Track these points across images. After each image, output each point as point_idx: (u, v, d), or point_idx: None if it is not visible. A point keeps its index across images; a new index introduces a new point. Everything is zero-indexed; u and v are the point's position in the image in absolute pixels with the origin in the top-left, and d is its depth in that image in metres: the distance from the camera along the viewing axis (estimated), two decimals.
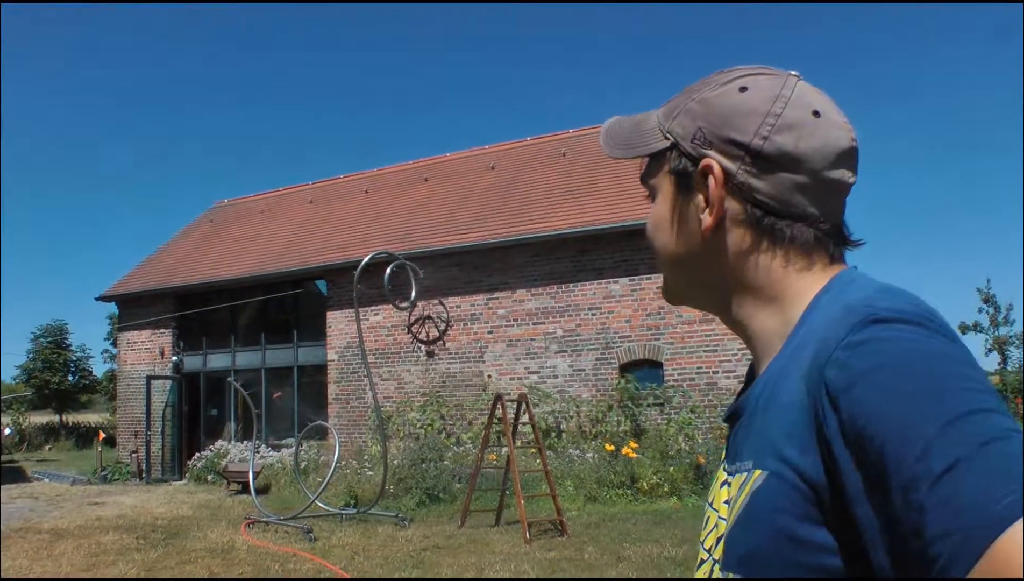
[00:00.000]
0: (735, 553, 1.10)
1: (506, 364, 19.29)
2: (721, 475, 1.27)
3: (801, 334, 1.12)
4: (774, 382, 1.12)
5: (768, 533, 1.04)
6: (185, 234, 29.78)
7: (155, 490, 20.90)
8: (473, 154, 25.76)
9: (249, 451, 18.89)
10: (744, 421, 1.19)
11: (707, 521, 1.29)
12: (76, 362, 51.09)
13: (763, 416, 1.11)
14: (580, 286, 18.67)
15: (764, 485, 1.05)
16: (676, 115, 1.25)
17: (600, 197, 19.58)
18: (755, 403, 1.16)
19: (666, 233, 1.28)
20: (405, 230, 21.99)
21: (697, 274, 1.26)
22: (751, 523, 1.07)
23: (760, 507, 1.05)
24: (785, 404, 1.06)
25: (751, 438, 1.14)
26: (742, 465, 1.14)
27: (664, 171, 1.27)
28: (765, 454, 1.07)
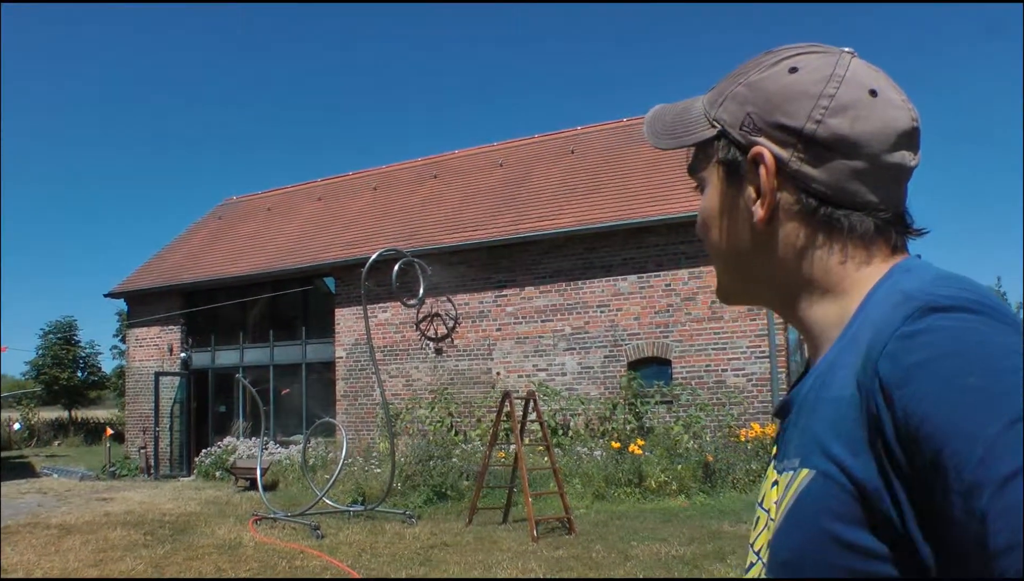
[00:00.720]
0: (778, 557, 1.05)
1: (514, 361, 19.28)
2: (772, 474, 1.22)
3: (855, 326, 1.07)
4: (824, 376, 1.07)
5: (814, 537, 0.98)
6: (194, 231, 29.82)
7: (163, 486, 20.93)
8: (481, 151, 25.73)
9: (257, 448, 18.90)
10: (792, 417, 1.14)
11: (756, 522, 1.25)
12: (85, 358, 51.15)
13: (811, 412, 1.07)
14: (588, 283, 18.64)
15: (810, 485, 1.00)
16: (722, 101, 1.18)
17: (608, 194, 19.55)
18: (804, 398, 1.11)
19: (716, 228, 1.21)
20: (413, 227, 21.99)
21: (751, 270, 1.20)
22: (796, 526, 1.02)
23: (806, 509, 1.00)
24: (834, 399, 1.01)
25: (798, 435, 1.09)
26: (789, 463, 1.09)
27: (712, 161, 1.20)
28: (812, 452, 1.02)
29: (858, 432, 0.95)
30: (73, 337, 50.32)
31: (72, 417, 48.38)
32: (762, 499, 1.24)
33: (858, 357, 0.99)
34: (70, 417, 48.26)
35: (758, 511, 1.24)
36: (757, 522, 1.24)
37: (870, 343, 0.97)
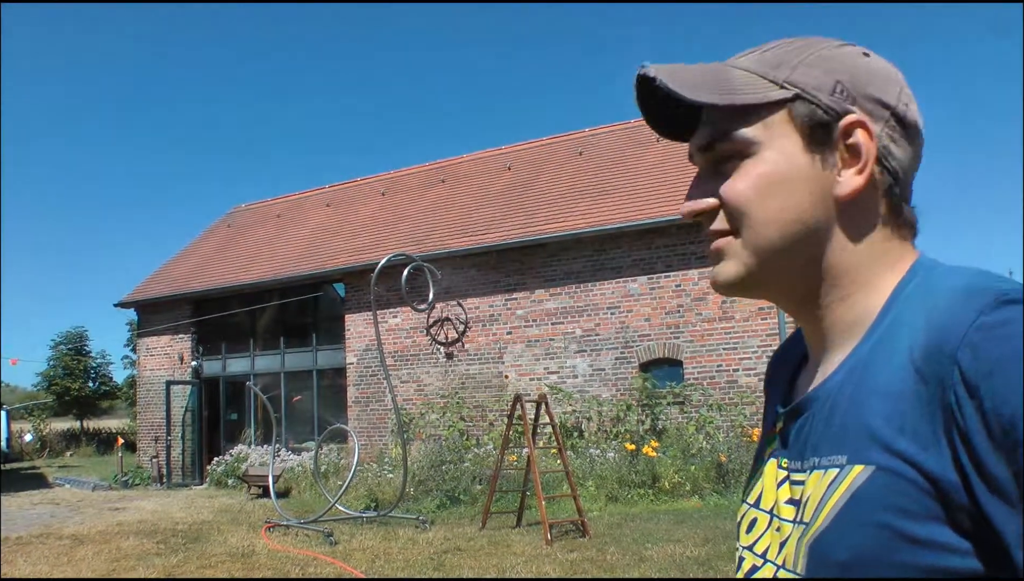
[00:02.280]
0: (833, 558, 0.99)
1: (525, 365, 19.24)
2: (775, 472, 1.19)
3: (887, 322, 1.06)
4: (859, 373, 1.04)
5: (880, 534, 0.95)
6: (203, 239, 29.86)
7: (175, 495, 20.93)
8: (489, 155, 25.71)
9: (269, 455, 18.90)
10: (816, 414, 1.11)
11: (752, 524, 1.22)
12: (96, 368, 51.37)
13: (851, 408, 1.03)
14: (598, 285, 18.60)
15: (871, 482, 0.96)
16: (796, 66, 1.12)
17: (617, 196, 19.51)
18: (834, 395, 1.08)
19: (783, 194, 1.10)
20: (422, 232, 21.98)
21: (802, 249, 1.12)
22: (855, 524, 0.97)
23: (868, 506, 0.96)
24: (885, 394, 0.98)
25: (832, 432, 1.05)
26: (822, 461, 1.05)
27: (780, 123, 1.12)
28: (864, 448, 0.98)
29: (925, 426, 0.93)
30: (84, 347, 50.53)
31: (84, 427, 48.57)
32: (758, 500, 1.23)
33: (913, 353, 0.97)
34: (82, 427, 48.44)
35: (753, 512, 1.23)
36: (754, 524, 1.21)
37: (935, 337, 0.95)
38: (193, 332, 25.33)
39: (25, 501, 20.31)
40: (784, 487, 1.16)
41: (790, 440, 1.17)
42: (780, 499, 1.16)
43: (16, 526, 15.63)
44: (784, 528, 1.12)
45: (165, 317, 25.62)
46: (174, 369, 25.39)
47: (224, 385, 25.28)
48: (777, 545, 1.14)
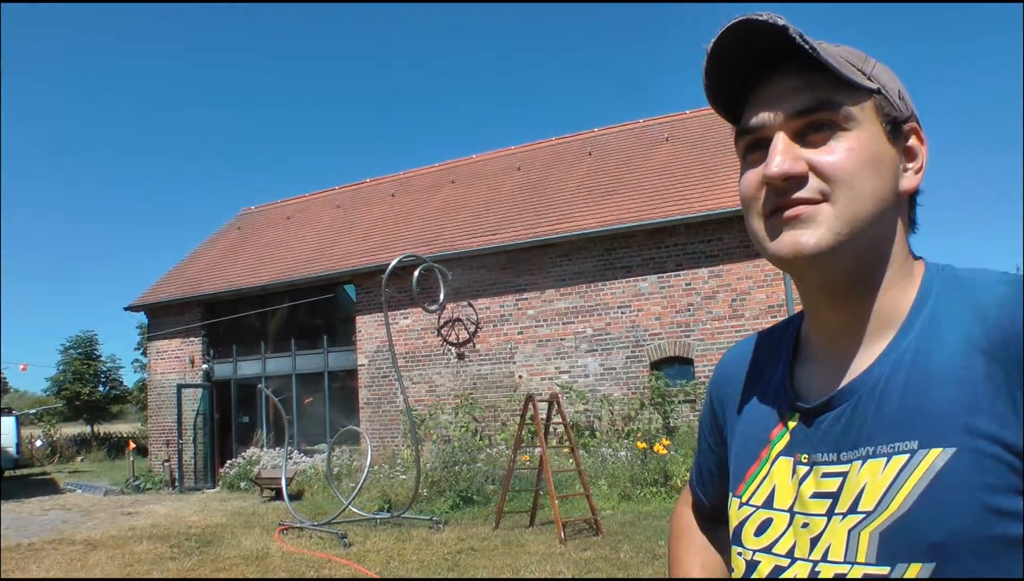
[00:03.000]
0: (924, 540, 1.02)
1: (537, 364, 19.23)
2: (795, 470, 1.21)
3: (925, 315, 1.14)
4: (909, 363, 1.10)
5: (973, 512, 1.00)
6: (213, 242, 29.89)
7: (188, 498, 20.94)
8: (499, 155, 25.73)
9: (281, 457, 18.91)
10: (861, 405, 1.14)
11: (765, 525, 1.24)
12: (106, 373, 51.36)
13: (910, 396, 1.09)
14: (609, 285, 18.57)
15: (955, 462, 1.02)
16: (874, 65, 1.20)
17: (627, 195, 19.50)
18: (882, 386, 1.12)
19: (880, 174, 1.16)
20: (432, 233, 21.98)
21: (880, 227, 1.17)
22: (945, 504, 1.02)
23: (956, 486, 1.01)
24: (950, 381, 1.05)
25: (889, 420, 1.10)
26: (881, 449, 1.10)
27: (870, 109, 1.17)
28: (939, 432, 1.04)
29: (1002, 404, 1.01)
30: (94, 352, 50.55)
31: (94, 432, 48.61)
32: (767, 501, 1.25)
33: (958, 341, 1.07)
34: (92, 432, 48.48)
35: (764, 514, 1.25)
36: (768, 525, 1.23)
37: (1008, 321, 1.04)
38: (204, 335, 25.35)
39: (36, 507, 20.34)
40: (808, 482, 1.18)
41: (815, 435, 1.20)
42: (804, 495, 1.18)
43: (28, 532, 15.64)
44: (815, 523, 1.15)
45: (175, 320, 25.65)
46: (185, 372, 25.42)
47: (235, 388, 25.29)
48: (807, 541, 1.15)
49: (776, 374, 1.33)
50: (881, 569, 1.05)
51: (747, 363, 1.42)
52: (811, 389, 1.25)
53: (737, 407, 1.40)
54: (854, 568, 1.08)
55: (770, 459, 1.27)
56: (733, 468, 1.37)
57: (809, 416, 1.22)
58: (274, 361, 24.57)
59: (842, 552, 1.10)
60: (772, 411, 1.30)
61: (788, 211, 1.14)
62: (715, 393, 1.50)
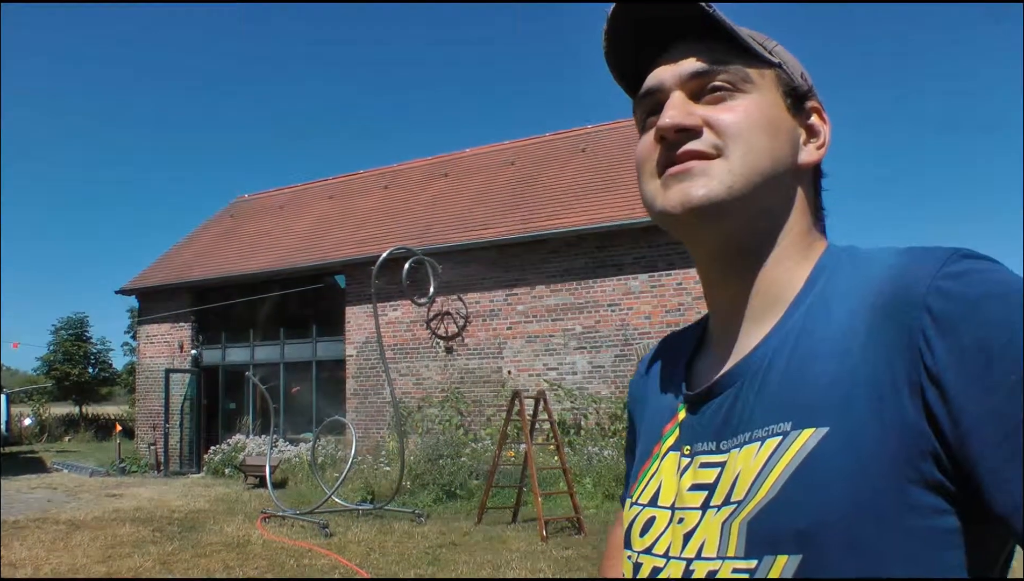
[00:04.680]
0: (787, 528, 0.96)
1: (525, 360, 19.24)
2: (678, 462, 1.17)
3: (815, 293, 1.08)
4: (793, 342, 1.05)
5: (847, 499, 0.93)
6: (205, 229, 29.86)
7: (172, 483, 20.95)
8: (492, 150, 25.70)
9: (267, 445, 18.92)
10: (743, 389, 1.09)
11: (648, 524, 1.18)
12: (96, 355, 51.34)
13: (790, 376, 1.03)
14: (599, 282, 18.58)
15: (825, 443, 0.96)
16: (772, 47, 1.19)
17: (619, 193, 19.48)
18: (765, 367, 1.07)
19: (776, 137, 1.13)
20: (424, 225, 21.97)
21: (772, 193, 1.13)
22: (811, 489, 0.95)
23: (824, 469, 0.95)
24: (829, 356, 1.00)
25: (768, 402, 1.04)
26: (757, 433, 1.04)
27: (770, 78, 1.16)
28: (813, 411, 0.98)
29: (883, 377, 0.94)
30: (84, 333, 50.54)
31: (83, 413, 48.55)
32: (653, 498, 1.19)
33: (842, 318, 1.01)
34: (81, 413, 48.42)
35: (649, 512, 1.19)
36: (651, 524, 1.18)
37: (895, 289, 0.97)
38: (193, 321, 25.34)
39: (23, 485, 20.37)
40: (688, 474, 1.13)
41: (699, 425, 1.15)
42: (683, 488, 1.13)
43: (14, 510, 15.65)
44: (689, 517, 1.10)
45: (166, 305, 25.62)
46: (174, 357, 25.41)
47: (223, 374, 25.29)
48: (680, 538, 1.10)
49: (677, 369, 1.29)
50: (748, 563, 0.98)
51: (655, 367, 1.39)
52: (702, 378, 1.21)
53: (643, 412, 1.36)
54: (725, 564, 1.01)
55: (660, 455, 1.22)
56: (632, 470, 1.34)
57: (694, 404, 1.17)
58: (263, 349, 24.57)
59: (715, 547, 1.03)
60: (669, 406, 1.25)
61: (679, 165, 1.11)
62: (630, 405, 1.46)
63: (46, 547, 12.00)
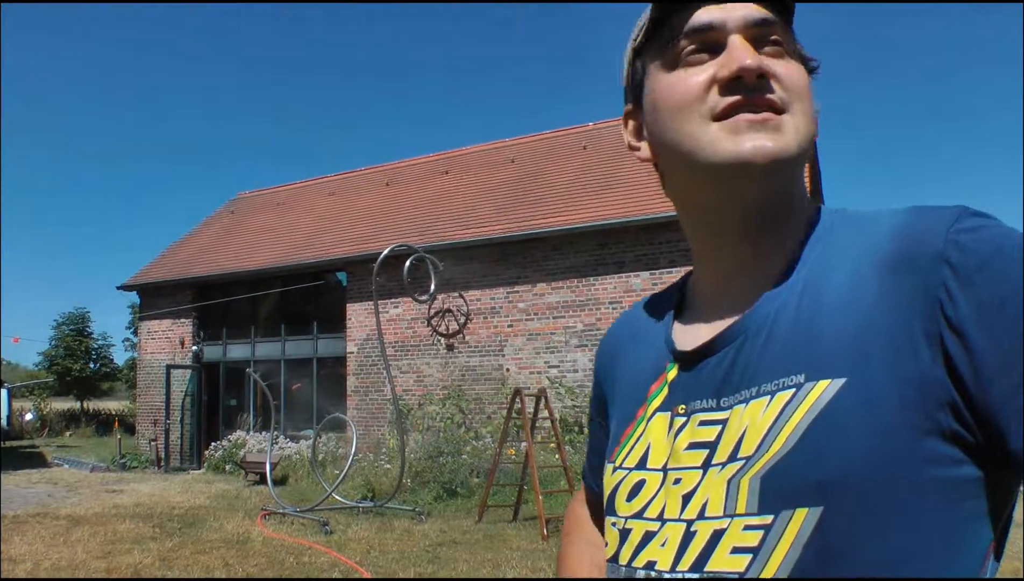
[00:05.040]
0: (809, 480, 0.94)
1: (526, 358, 19.22)
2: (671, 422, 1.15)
3: (817, 252, 1.08)
4: (798, 298, 1.05)
5: (867, 449, 0.92)
6: (206, 225, 29.87)
7: (173, 479, 20.95)
8: (493, 147, 25.71)
9: (267, 442, 18.92)
10: (746, 345, 1.08)
11: (637, 488, 1.16)
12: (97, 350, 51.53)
13: (799, 329, 1.03)
14: (600, 280, 18.56)
15: (843, 394, 0.95)
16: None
17: (621, 190, 19.47)
18: (770, 322, 1.06)
19: (811, 103, 1.12)
20: (425, 223, 21.96)
21: (804, 161, 1.12)
22: (834, 441, 0.94)
23: (848, 420, 0.94)
24: (840, 309, 1.00)
25: (775, 356, 1.04)
26: (765, 387, 1.02)
27: (794, 46, 1.14)
28: (828, 363, 0.97)
29: (899, 330, 0.94)
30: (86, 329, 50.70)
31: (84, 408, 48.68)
32: (640, 462, 1.17)
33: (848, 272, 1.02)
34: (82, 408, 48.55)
35: (636, 476, 1.17)
36: (641, 488, 1.15)
37: (910, 243, 0.98)
38: (194, 317, 25.34)
39: (23, 479, 20.38)
40: (684, 432, 1.11)
41: (695, 382, 1.14)
42: (679, 448, 1.11)
43: (14, 504, 15.67)
44: (688, 477, 1.08)
45: (167, 301, 25.64)
46: (175, 353, 25.41)
47: (224, 371, 25.29)
48: (678, 500, 1.08)
49: (658, 330, 1.28)
50: (763, 518, 0.96)
51: (628, 330, 1.38)
52: (695, 337, 1.18)
53: (617, 375, 1.35)
54: (734, 521, 0.99)
55: (646, 417, 1.20)
56: (612, 435, 1.30)
57: (689, 363, 1.15)
58: (263, 345, 24.57)
59: (721, 505, 1.01)
60: (653, 368, 1.23)
61: (758, 113, 1.06)
62: (597, 370, 1.45)
63: (46, 542, 12.00)
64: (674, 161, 1.16)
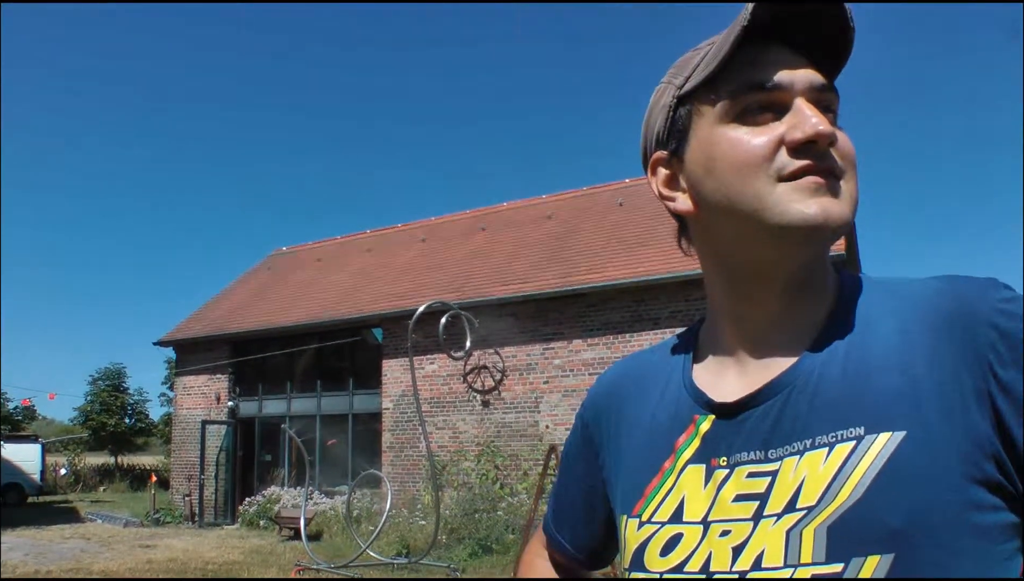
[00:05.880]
0: (884, 527, 0.95)
1: (561, 414, 19.14)
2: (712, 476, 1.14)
3: (855, 309, 1.12)
4: (843, 354, 1.07)
5: (934, 498, 0.96)
6: (243, 281, 30.08)
7: (207, 534, 20.94)
8: (530, 204, 25.81)
9: (302, 497, 18.89)
10: (793, 398, 1.08)
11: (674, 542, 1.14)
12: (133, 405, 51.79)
13: (849, 384, 1.05)
14: (636, 336, 18.51)
15: (909, 446, 0.98)
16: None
17: (657, 247, 19.46)
18: (816, 377, 1.08)
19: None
20: (462, 279, 22.02)
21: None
22: (903, 489, 0.97)
23: (914, 469, 0.97)
24: (889, 368, 1.03)
25: (826, 410, 1.05)
26: (821, 439, 1.04)
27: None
28: (887, 416, 1.01)
29: (949, 388, 0.99)
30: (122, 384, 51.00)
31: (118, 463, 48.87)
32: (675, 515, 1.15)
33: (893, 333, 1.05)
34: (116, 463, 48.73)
35: (672, 529, 1.15)
36: (678, 541, 1.13)
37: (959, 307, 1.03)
38: (230, 372, 25.42)
39: (56, 535, 20.42)
40: (729, 485, 1.11)
41: (737, 434, 1.13)
42: (724, 500, 1.10)
43: (46, 559, 15.69)
44: (738, 529, 1.07)
45: (203, 357, 25.75)
46: (210, 408, 25.49)
47: (259, 426, 25.33)
48: (728, 552, 1.07)
49: (673, 381, 1.27)
50: (833, 567, 0.97)
51: (630, 379, 1.38)
52: (728, 390, 1.18)
53: (621, 423, 1.33)
54: (798, 570, 0.99)
55: (676, 469, 1.19)
56: (624, 488, 1.27)
57: (728, 414, 1.15)
58: (299, 401, 24.60)
59: (781, 556, 1.01)
60: (675, 419, 1.23)
61: (823, 177, 1.06)
62: (588, 416, 1.43)
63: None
64: (728, 218, 1.13)
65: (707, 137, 1.14)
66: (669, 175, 1.23)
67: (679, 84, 1.18)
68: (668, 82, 1.21)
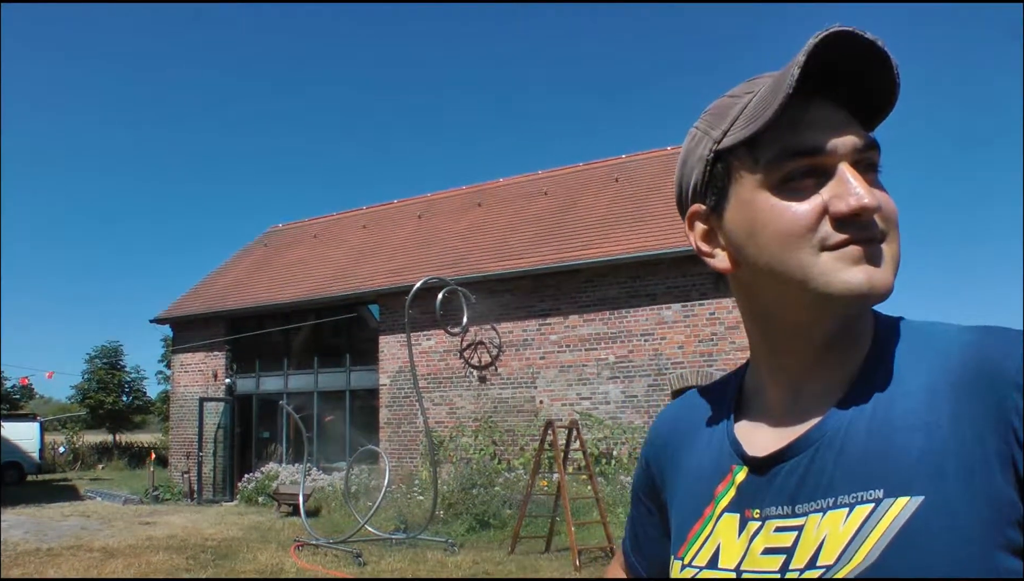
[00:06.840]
0: None
1: (558, 390, 19.19)
2: (745, 526, 1.15)
3: (885, 362, 1.09)
4: (870, 412, 1.06)
5: (947, 565, 0.94)
6: (239, 258, 30.02)
7: (206, 511, 20.99)
8: (526, 179, 25.76)
9: (300, 474, 18.93)
10: (820, 455, 1.08)
11: None
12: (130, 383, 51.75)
13: (873, 445, 1.03)
14: (633, 312, 18.53)
15: (923, 512, 0.96)
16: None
17: (653, 223, 19.46)
18: (842, 435, 1.07)
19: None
20: (458, 255, 22.01)
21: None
22: (915, 556, 0.96)
23: (929, 536, 0.96)
24: (914, 428, 1.01)
25: (850, 470, 1.04)
26: (843, 499, 1.03)
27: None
28: (906, 480, 0.99)
29: (973, 450, 0.96)
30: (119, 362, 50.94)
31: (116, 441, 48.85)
32: (712, 560, 1.17)
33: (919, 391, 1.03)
34: (114, 441, 48.73)
35: (708, 574, 1.17)
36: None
37: (985, 366, 1.00)
38: (227, 350, 25.43)
39: (56, 513, 20.46)
40: (759, 538, 1.12)
41: (767, 488, 1.14)
42: (755, 552, 1.12)
43: (48, 537, 15.73)
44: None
45: (200, 334, 25.76)
46: (208, 386, 25.51)
47: (257, 403, 25.35)
48: None
49: (718, 429, 1.28)
50: None
51: (685, 421, 1.37)
52: (763, 441, 1.18)
53: (678, 466, 1.34)
54: None
55: (714, 516, 1.20)
56: (676, 529, 1.30)
57: (761, 468, 1.15)
58: (296, 378, 24.62)
59: None
60: (716, 466, 1.24)
61: (867, 246, 1.05)
62: (650, 454, 1.44)
63: (80, 575, 12.04)
64: (770, 281, 1.12)
65: (748, 201, 1.12)
66: (707, 230, 1.22)
67: (716, 137, 1.15)
68: (705, 132, 1.18)
